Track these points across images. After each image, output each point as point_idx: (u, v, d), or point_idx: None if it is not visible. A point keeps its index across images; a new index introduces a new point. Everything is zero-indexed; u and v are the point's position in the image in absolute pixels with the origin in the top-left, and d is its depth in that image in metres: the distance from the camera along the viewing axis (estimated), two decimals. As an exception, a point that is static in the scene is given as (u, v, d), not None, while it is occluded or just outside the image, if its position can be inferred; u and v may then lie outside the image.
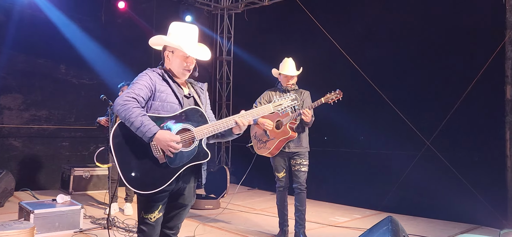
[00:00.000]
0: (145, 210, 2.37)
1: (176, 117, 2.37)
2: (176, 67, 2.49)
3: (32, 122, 6.75)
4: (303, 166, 4.17)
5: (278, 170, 4.24)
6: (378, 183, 6.06)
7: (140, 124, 2.22)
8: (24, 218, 4.17)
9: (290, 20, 7.57)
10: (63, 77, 7.05)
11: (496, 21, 5.15)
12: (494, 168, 5.11)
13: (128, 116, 2.23)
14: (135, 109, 2.25)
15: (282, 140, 4.11)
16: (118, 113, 2.27)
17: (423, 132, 5.57)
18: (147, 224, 2.37)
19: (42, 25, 6.71)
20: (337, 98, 3.92)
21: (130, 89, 2.34)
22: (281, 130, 4.12)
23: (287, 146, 4.15)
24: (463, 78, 5.32)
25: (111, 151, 2.26)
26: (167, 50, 2.50)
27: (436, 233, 4.67)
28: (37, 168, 6.80)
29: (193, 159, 2.36)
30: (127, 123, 2.25)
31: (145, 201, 2.37)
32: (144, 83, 2.37)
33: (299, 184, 4.15)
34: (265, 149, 4.21)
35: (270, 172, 4.36)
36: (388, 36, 6.21)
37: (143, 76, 2.41)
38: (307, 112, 3.90)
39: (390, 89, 5.87)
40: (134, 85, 2.36)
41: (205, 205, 5.81)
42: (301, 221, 4.18)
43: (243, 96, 8.56)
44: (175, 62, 2.49)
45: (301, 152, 4.19)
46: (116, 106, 2.28)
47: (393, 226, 2.76)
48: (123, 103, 2.26)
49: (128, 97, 2.28)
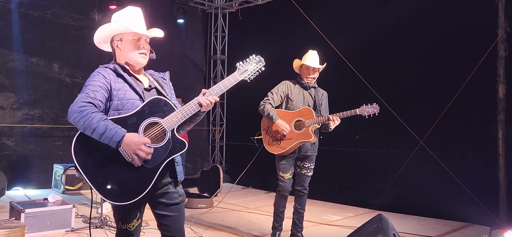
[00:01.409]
0: (123, 220, 2.19)
1: (138, 114, 2.11)
2: (130, 54, 2.22)
3: (25, 121, 6.72)
4: (310, 171, 3.98)
5: (284, 171, 3.92)
6: (371, 182, 6.08)
7: (105, 129, 1.96)
8: (15, 218, 4.14)
9: (284, 19, 7.57)
10: (56, 76, 7.01)
11: (489, 21, 5.18)
12: (486, 166, 5.14)
13: (89, 123, 1.95)
14: (95, 114, 1.98)
15: (300, 142, 3.84)
16: (75, 122, 1.98)
17: (416, 131, 5.59)
18: (128, 234, 2.22)
19: (34, 24, 6.68)
20: (373, 113, 3.69)
21: (84, 93, 2.05)
22: (303, 132, 3.82)
23: (300, 148, 3.89)
24: (456, 77, 5.35)
25: (77, 168, 1.98)
26: (115, 41, 2.24)
27: (427, 231, 4.69)
28: (30, 168, 6.75)
29: (170, 153, 2.12)
30: (87, 131, 1.96)
31: (122, 210, 2.16)
32: (98, 83, 2.10)
33: (303, 187, 3.98)
34: (278, 148, 3.88)
35: (264, 171, 4.25)
36: (382, 35, 6.21)
37: (96, 76, 2.13)
38: (337, 120, 3.70)
39: (383, 88, 5.87)
40: (87, 88, 2.07)
41: (198, 204, 5.79)
42: (300, 223, 4.04)
43: (237, 95, 8.55)
44: (126, 48, 2.22)
45: (312, 156, 3.98)
46: (72, 115, 1.98)
47: (383, 224, 2.77)
48: (80, 110, 1.98)
49: (84, 102, 2.01)
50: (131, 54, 2.24)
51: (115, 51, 2.27)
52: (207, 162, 8.80)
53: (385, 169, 5.90)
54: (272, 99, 3.93)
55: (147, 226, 4.64)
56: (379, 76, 6.01)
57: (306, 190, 4.00)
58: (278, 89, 3.98)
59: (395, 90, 5.85)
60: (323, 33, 6.32)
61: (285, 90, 3.96)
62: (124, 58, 2.25)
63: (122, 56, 2.25)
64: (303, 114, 3.86)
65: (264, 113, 3.91)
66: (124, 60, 2.26)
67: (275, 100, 3.94)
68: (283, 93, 3.96)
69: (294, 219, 4.05)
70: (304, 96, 3.97)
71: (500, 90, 5.11)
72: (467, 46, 5.38)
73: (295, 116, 3.87)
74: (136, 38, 2.24)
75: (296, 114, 3.88)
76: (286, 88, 3.97)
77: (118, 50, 2.26)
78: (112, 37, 2.26)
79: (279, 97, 3.96)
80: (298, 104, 3.93)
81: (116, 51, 2.27)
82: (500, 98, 5.10)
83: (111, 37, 2.27)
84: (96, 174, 1.99)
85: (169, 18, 8.36)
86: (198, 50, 8.98)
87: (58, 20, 6.96)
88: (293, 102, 3.94)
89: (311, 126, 3.80)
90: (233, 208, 5.89)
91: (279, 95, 3.95)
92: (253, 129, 4.41)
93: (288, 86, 3.97)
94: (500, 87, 5.11)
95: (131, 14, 2.27)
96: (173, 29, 8.51)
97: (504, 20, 5.09)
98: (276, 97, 3.95)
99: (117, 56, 2.28)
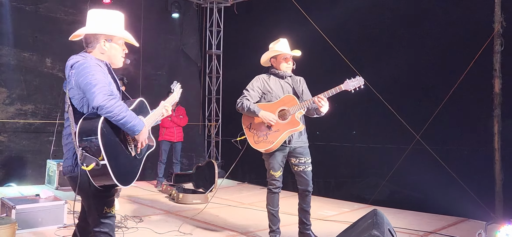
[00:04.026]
0: (108, 204, 2.35)
1: (134, 111, 2.34)
2: (115, 55, 2.44)
3: (17, 116, 6.64)
4: (308, 165, 3.72)
5: (274, 168, 3.67)
6: (367, 177, 6.06)
7: (133, 118, 2.22)
8: (6, 214, 4.09)
9: (280, 13, 7.51)
10: (49, 70, 6.93)
11: (485, 15, 5.15)
12: (482, 161, 5.12)
13: (119, 111, 2.16)
14: (123, 104, 2.21)
15: (288, 133, 3.59)
16: (108, 110, 2.14)
17: (412, 125, 5.56)
18: (111, 217, 2.37)
19: (27, 18, 6.59)
20: (359, 86, 3.49)
21: (100, 87, 2.17)
22: (289, 121, 3.58)
23: (289, 140, 3.66)
24: (452, 72, 5.32)
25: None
26: (103, 39, 2.39)
27: (422, 226, 4.67)
28: (22, 163, 6.69)
29: (147, 149, 2.51)
30: (117, 118, 2.16)
31: (107, 196, 2.34)
32: (103, 75, 2.26)
33: (308, 186, 3.72)
34: (265, 143, 3.61)
35: (260, 165, 4.07)
36: (379, 30, 6.18)
37: (97, 67, 2.26)
38: (324, 100, 3.47)
39: (380, 82, 5.85)
40: (100, 82, 2.19)
41: (193, 199, 5.76)
42: (307, 221, 3.83)
43: (233, 90, 8.50)
44: (114, 50, 2.42)
45: (303, 147, 3.74)
46: (104, 103, 2.13)
47: (378, 219, 2.74)
48: (110, 99, 2.15)
49: (108, 94, 2.17)
50: (117, 55, 2.46)
51: (98, 48, 2.40)
52: (203, 157, 8.75)
53: (381, 164, 5.88)
54: (249, 96, 3.73)
55: (140, 222, 4.61)
56: (374, 71, 5.97)
57: (310, 188, 3.76)
58: (253, 85, 3.78)
59: (391, 84, 5.82)
60: (320, 28, 6.28)
61: (261, 85, 3.77)
62: (106, 57, 2.42)
63: (106, 53, 2.41)
64: (285, 103, 3.64)
65: (243, 110, 3.70)
66: (106, 58, 2.42)
67: (252, 96, 3.73)
68: (259, 88, 3.77)
69: (302, 218, 3.84)
70: (282, 85, 3.77)
71: (496, 84, 5.09)
72: (463, 40, 5.35)
73: (277, 106, 3.65)
74: (123, 42, 2.47)
75: (278, 104, 3.65)
76: (261, 83, 3.78)
77: (102, 48, 2.40)
78: (98, 35, 2.39)
79: (256, 92, 3.76)
80: (278, 94, 3.72)
81: (99, 48, 2.40)
82: (496, 92, 5.08)
83: (95, 35, 2.39)
84: (112, 158, 2.17)
85: (164, 13, 8.28)
86: (193, 45, 8.90)
87: (50, 14, 6.87)
88: (272, 93, 3.73)
89: (297, 113, 3.59)
90: (228, 203, 5.85)
91: (256, 91, 3.76)
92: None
93: (262, 80, 3.79)
94: (496, 82, 5.09)
95: (118, 19, 2.45)
96: (167, 24, 8.44)
97: (500, 14, 5.06)
98: (253, 93, 3.75)
99: (100, 52, 2.40)
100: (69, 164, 2.31)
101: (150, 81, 7.89)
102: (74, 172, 2.28)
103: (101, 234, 2.32)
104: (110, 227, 2.34)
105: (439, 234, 4.38)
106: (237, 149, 4.40)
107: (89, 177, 2.17)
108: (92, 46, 2.40)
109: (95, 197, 2.30)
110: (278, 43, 3.78)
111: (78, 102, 2.29)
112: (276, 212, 3.80)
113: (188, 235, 4.21)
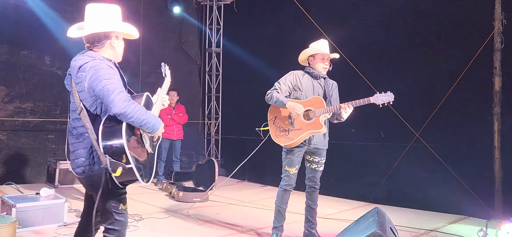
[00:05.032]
0: (124, 201, 2.38)
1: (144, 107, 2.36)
2: (120, 52, 2.46)
3: (16, 114, 6.62)
4: (321, 166, 3.79)
5: (291, 165, 3.71)
6: (367, 175, 6.06)
7: (152, 118, 2.26)
8: (6, 212, 4.08)
9: (280, 11, 7.51)
10: (48, 68, 6.91)
11: (485, 12, 5.15)
12: (482, 159, 5.14)
13: (140, 115, 2.19)
14: (140, 107, 2.24)
15: (309, 133, 3.62)
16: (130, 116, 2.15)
17: (412, 124, 5.57)
18: (124, 214, 2.38)
19: (26, 16, 6.56)
20: (388, 102, 3.50)
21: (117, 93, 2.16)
22: (313, 122, 3.61)
23: (309, 140, 3.70)
24: (452, 70, 5.33)
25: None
26: (114, 36, 2.38)
27: (423, 223, 4.68)
28: (22, 162, 6.67)
29: (156, 141, 2.54)
30: (138, 122, 2.19)
31: (124, 193, 2.37)
32: (116, 77, 2.26)
33: (315, 183, 3.79)
34: (285, 139, 3.65)
35: (260, 164, 4.08)
36: (378, 28, 6.18)
37: (109, 70, 2.25)
38: (349, 108, 3.53)
39: (379, 81, 5.84)
40: (116, 87, 2.18)
41: (193, 197, 5.75)
42: (313, 219, 3.84)
43: (233, 88, 8.50)
44: (120, 46, 2.45)
45: (323, 149, 3.79)
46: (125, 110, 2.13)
47: (379, 217, 2.75)
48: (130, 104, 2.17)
49: (127, 100, 2.17)
50: (120, 52, 2.47)
51: (107, 45, 2.37)
52: (203, 155, 8.75)
53: (381, 162, 5.88)
54: (279, 89, 3.71)
55: (140, 220, 4.61)
56: (374, 68, 5.98)
57: (317, 186, 3.82)
58: (285, 79, 3.76)
59: (390, 82, 5.81)
60: (319, 25, 6.26)
61: (293, 80, 3.75)
62: (113, 53, 2.41)
63: (112, 50, 2.40)
64: (313, 104, 3.64)
65: (271, 101, 3.69)
66: (112, 56, 2.40)
67: (283, 90, 3.71)
68: (291, 83, 3.74)
69: (307, 216, 3.86)
70: (313, 85, 3.77)
71: (496, 82, 5.10)
72: (463, 38, 5.35)
73: (305, 105, 3.64)
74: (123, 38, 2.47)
75: (305, 103, 3.65)
76: (294, 78, 3.76)
77: (110, 45, 2.38)
78: (108, 33, 2.36)
79: (287, 87, 3.73)
80: (307, 93, 3.72)
81: (108, 45, 2.38)
82: (496, 90, 5.09)
83: (106, 33, 2.36)
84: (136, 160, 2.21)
85: (163, 10, 8.27)
86: (192, 42, 8.89)
87: (49, 12, 6.83)
88: (303, 92, 3.73)
89: (322, 116, 3.59)
90: (229, 202, 5.85)
91: (287, 85, 3.73)
92: (249, 123, 4.33)
93: (296, 76, 3.77)
94: (496, 80, 5.10)
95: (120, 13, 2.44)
96: (167, 21, 8.42)
97: (500, 12, 5.07)
98: (284, 86, 3.73)
99: (109, 49, 2.39)
100: (85, 163, 2.27)
101: (149, 79, 7.88)
102: (92, 171, 2.26)
103: (114, 232, 2.32)
104: (123, 224, 2.36)
105: (440, 232, 4.39)
106: (237, 147, 4.41)
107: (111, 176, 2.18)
108: (101, 44, 2.36)
109: (113, 195, 2.31)
110: (318, 43, 3.77)
111: (90, 104, 2.27)
112: (283, 210, 3.81)
113: (188, 233, 4.20)
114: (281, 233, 3.84)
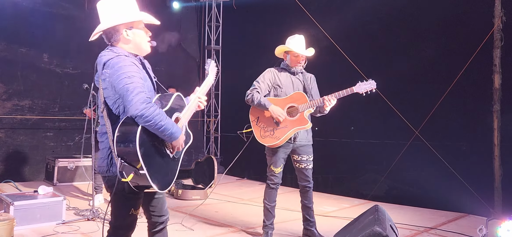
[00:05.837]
0: (136, 206, 2.26)
1: (171, 109, 2.26)
2: (140, 41, 2.26)
3: (14, 112, 6.60)
4: (309, 163, 3.74)
5: (276, 164, 3.67)
6: (366, 173, 6.05)
7: (170, 126, 2.10)
8: (4, 210, 4.06)
9: (279, 9, 7.47)
10: (46, 66, 6.87)
11: (485, 9, 5.13)
12: (481, 156, 5.12)
13: (158, 120, 2.04)
14: (161, 112, 2.07)
15: (295, 130, 3.59)
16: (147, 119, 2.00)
17: (411, 121, 5.55)
18: (135, 219, 2.30)
19: (24, 13, 6.53)
20: (371, 90, 3.47)
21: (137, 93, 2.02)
22: (297, 118, 3.58)
23: (295, 137, 3.65)
24: (452, 67, 5.31)
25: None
26: (123, 29, 2.20)
27: (423, 221, 4.67)
28: (20, 159, 6.65)
29: (185, 144, 2.37)
30: (155, 127, 2.04)
31: (138, 198, 2.24)
32: (139, 75, 2.11)
33: (308, 182, 3.75)
34: (272, 138, 3.59)
35: (259, 161, 4.05)
36: (377, 25, 6.16)
37: (132, 67, 2.11)
38: (333, 99, 3.48)
39: (378, 78, 5.81)
40: (136, 87, 2.04)
41: (192, 195, 5.74)
42: (311, 218, 3.82)
43: (232, 86, 8.47)
44: (138, 36, 2.24)
45: (308, 145, 3.74)
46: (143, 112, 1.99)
47: (380, 215, 2.73)
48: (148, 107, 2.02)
49: (146, 102, 2.02)
50: (142, 41, 2.27)
51: (122, 39, 2.22)
52: (202, 153, 8.73)
53: (380, 160, 5.87)
54: (259, 88, 3.66)
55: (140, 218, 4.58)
56: (373, 65, 5.96)
57: (311, 184, 3.78)
58: (264, 77, 3.71)
59: (390, 80, 5.80)
60: (318, 22, 6.24)
61: (272, 78, 3.71)
62: (133, 46, 2.25)
63: (130, 43, 2.24)
64: (295, 99, 3.61)
65: (253, 102, 3.64)
66: (133, 48, 2.25)
67: (262, 89, 3.67)
68: (270, 81, 3.70)
69: (305, 215, 3.84)
70: (293, 81, 3.73)
71: (496, 79, 5.09)
72: (463, 35, 5.34)
73: (287, 102, 3.61)
74: (143, 24, 2.27)
75: (287, 100, 3.62)
76: (272, 76, 3.71)
77: (126, 39, 2.22)
78: (118, 27, 2.21)
79: (266, 85, 3.69)
80: (287, 90, 3.69)
81: (123, 39, 2.22)
82: (495, 88, 5.08)
83: (116, 27, 2.21)
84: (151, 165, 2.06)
85: (162, 8, 8.23)
86: (192, 40, 8.86)
87: (47, 9, 6.81)
88: (282, 89, 3.69)
89: (306, 111, 3.57)
90: (228, 199, 5.84)
91: (266, 84, 3.69)
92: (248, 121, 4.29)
93: (274, 73, 3.72)
94: (496, 77, 5.08)
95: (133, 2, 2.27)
96: (166, 19, 8.38)
97: (500, 9, 5.04)
98: (263, 85, 3.68)
99: (125, 43, 2.23)
100: (104, 164, 2.20)
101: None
102: (109, 173, 2.19)
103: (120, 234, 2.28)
104: (131, 228, 2.30)
105: (440, 230, 4.38)
106: (237, 144, 4.37)
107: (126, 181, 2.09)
108: (116, 40, 2.22)
109: (126, 199, 2.21)
110: (293, 38, 3.72)
111: (112, 103, 2.17)
112: (272, 207, 3.79)
113: (187, 231, 4.19)
114: (272, 231, 3.82)
